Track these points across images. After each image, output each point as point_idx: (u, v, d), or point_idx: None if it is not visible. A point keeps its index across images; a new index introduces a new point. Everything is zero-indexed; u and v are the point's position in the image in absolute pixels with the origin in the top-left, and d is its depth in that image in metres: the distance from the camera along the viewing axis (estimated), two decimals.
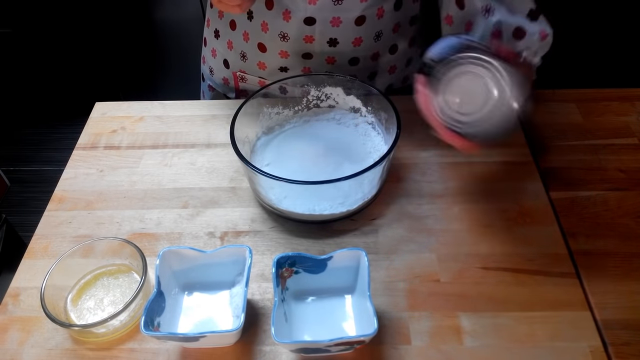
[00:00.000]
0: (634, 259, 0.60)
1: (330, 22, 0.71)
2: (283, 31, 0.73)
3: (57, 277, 0.56)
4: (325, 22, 0.71)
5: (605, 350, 0.52)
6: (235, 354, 0.53)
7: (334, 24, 0.71)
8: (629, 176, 0.69)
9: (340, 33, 0.73)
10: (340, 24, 0.72)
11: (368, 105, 0.73)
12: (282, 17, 0.72)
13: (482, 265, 0.60)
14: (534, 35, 0.62)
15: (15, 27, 1.75)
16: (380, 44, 0.77)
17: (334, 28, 0.72)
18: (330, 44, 0.74)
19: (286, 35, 0.74)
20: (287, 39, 0.74)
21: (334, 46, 0.74)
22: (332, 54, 0.76)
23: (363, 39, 0.74)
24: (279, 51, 0.77)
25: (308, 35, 0.73)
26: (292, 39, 0.74)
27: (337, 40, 0.74)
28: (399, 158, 0.72)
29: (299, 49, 0.75)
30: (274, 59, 0.78)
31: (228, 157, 0.74)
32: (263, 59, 0.79)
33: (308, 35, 0.73)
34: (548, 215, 0.65)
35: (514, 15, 0.62)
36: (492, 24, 0.62)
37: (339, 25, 0.72)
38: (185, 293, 0.57)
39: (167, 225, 0.66)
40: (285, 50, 0.76)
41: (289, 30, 0.73)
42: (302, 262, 0.54)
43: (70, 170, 0.74)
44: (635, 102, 0.80)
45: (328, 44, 0.74)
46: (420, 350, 0.53)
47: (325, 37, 0.73)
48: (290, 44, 0.75)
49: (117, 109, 0.83)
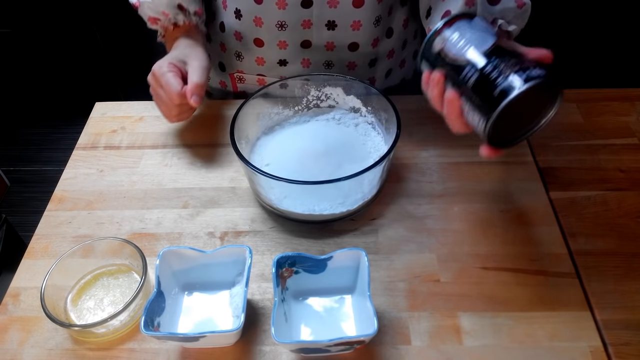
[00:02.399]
0: (634, 259, 0.60)
1: (328, 3, 0.71)
2: (280, 20, 0.73)
3: (57, 277, 0.56)
4: (322, 2, 0.71)
5: (605, 350, 0.52)
6: (235, 354, 0.53)
7: (331, 5, 0.71)
8: (629, 176, 0.69)
9: (338, 14, 0.72)
10: (338, 5, 0.71)
11: (368, 105, 0.73)
12: (277, 7, 0.71)
13: (482, 265, 0.60)
14: (509, 2, 0.62)
15: (15, 27, 1.75)
16: (379, 29, 0.76)
17: (332, 9, 0.72)
18: (329, 27, 0.73)
19: (284, 23, 0.73)
20: (285, 27, 0.74)
21: (332, 29, 0.74)
22: (331, 39, 0.75)
23: (362, 23, 0.73)
24: (278, 42, 0.76)
25: (306, 19, 0.72)
26: (290, 27, 0.74)
27: (335, 22, 0.73)
28: (399, 158, 0.72)
29: (298, 36, 0.75)
30: (272, 51, 0.78)
31: (228, 157, 0.74)
32: (261, 53, 0.79)
33: (306, 20, 0.73)
34: (548, 215, 0.65)
35: None
36: None
37: (337, 6, 0.71)
38: (185, 293, 0.57)
39: (167, 225, 0.66)
40: (283, 40, 0.76)
41: (287, 18, 0.73)
42: (302, 262, 0.54)
43: (70, 170, 0.74)
44: (635, 102, 0.80)
45: (326, 27, 0.74)
46: (420, 350, 0.53)
47: (322, 20, 0.73)
48: (289, 32, 0.74)
49: (117, 109, 0.83)
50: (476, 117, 0.50)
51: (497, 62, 0.48)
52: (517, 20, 0.64)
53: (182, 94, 0.67)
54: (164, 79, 0.68)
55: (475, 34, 0.51)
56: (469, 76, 0.49)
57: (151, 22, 0.77)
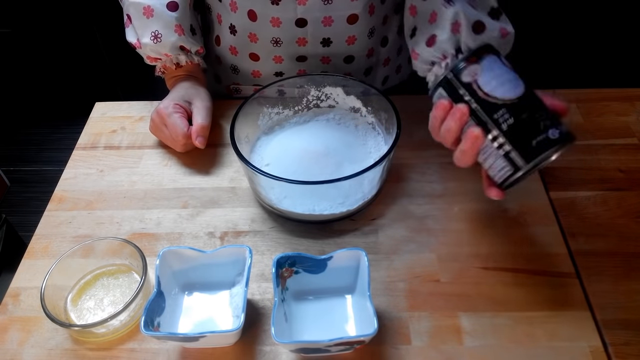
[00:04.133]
0: (634, 259, 0.60)
1: (322, 22, 0.71)
2: (275, 37, 0.73)
3: (57, 277, 0.56)
4: (317, 22, 0.71)
5: (605, 350, 0.52)
6: (235, 354, 0.53)
7: (325, 24, 0.71)
8: (628, 176, 0.69)
9: (332, 32, 0.72)
10: (332, 23, 0.71)
11: (368, 105, 0.73)
12: (271, 25, 0.71)
13: (482, 265, 0.60)
14: (494, 32, 0.62)
15: (15, 27, 1.75)
16: (373, 40, 0.76)
17: (326, 28, 0.72)
18: (324, 44, 0.74)
19: (278, 40, 0.73)
20: (280, 43, 0.74)
21: (327, 46, 0.74)
22: (327, 54, 0.76)
23: (357, 37, 0.74)
24: (273, 57, 0.76)
25: (300, 37, 0.73)
26: (284, 43, 0.74)
27: (330, 40, 0.73)
28: (399, 158, 0.72)
29: (293, 52, 0.75)
30: (268, 65, 0.78)
31: (228, 157, 0.74)
32: (256, 67, 0.79)
33: (300, 38, 0.73)
34: (548, 215, 0.65)
35: (474, 8, 0.62)
36: (452, 13, 0.62)
37: (331, 24, 0.71)
38: (185, 293, 0.57)
39: (167, 225, 0.66)
40: (279, 55, 0.76)
41: (281, 35, 0.73)
42: (302, 262, 0.54)
43: (70, 170, 0.74)
44: (635, 102, 0.80)
45: (321, 45, 0.74)
46: (420, 350, 0.53)
47: (317, 38, 0.73)
48: (284, 48, 0.75)
49: (117, 109, 0.83)
50: (500, 161, 0.49)
51: (532, 109, 0.47)
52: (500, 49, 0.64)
53: (187, 135, 0.70)
54: (170, 120, 0.70)
55: (508, 73, 0.49)
56: (505, 118, 0.48)
57: (151, 61, 0.78)
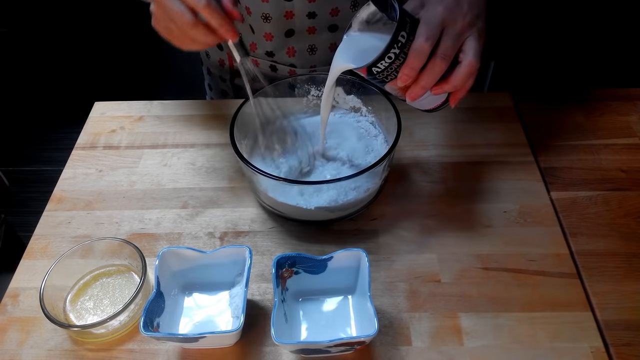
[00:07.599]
0: (636, 259, 0.60)
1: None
2: (264, 12, 0.75)
3: (56, 277, 0.56)
4: None
5: (607, 351, 0.52)
6: (235, 355, 0.53)
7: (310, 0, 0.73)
8: (630, 176, 0.69)
9: (317, 6, 0.74)
10: None
11: (368, 105, 0.72)
12: (261, 0, 0.73)
13: (483, 266, 0.60)
14: None
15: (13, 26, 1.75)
16: None
17: (311, 4, 0.74)
18: (310, 17, 0.76)
19: (268, 15, 0.75)
20: (270, 19, 0.76)
21: (313, 18, 0.76)
22: (312, 25, 0.77)
23: (340, 9, 0.76)
24: (264, 34, 0.78)
25: (288, 10, 0.75)
26: (274, 19, 0.75)
27: (315, 13, 0.75)
28: (399, 158, 0.72)
29: (282, 27, 0.77)
30: (260, 41, 0.80)
31: (228, 157, 0.74)
32: (254, 39, 0.81)
33: (288, 11, 0.75)
34: (549, 215, 0.64)
35: None
36: None
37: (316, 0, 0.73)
38: (184, 293, 0.57)
39: (167, 226, 0.65)
40: (269, 32, 0.78)
41: (270, 10, 0.74)
42: (302, 262, 0.54)
43: (69, 170, 0.73)
44: (636, 101, 0.79)
45: (307, 17, 0.76)
46: (421, 350, 0.53)
47: (304, 11, 0.75)
48: (273, 24, 0.76)
49: (117, 109, 0.83)
50: None
51: None
52: None
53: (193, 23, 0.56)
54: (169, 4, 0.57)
55: None
56: None
57: None
